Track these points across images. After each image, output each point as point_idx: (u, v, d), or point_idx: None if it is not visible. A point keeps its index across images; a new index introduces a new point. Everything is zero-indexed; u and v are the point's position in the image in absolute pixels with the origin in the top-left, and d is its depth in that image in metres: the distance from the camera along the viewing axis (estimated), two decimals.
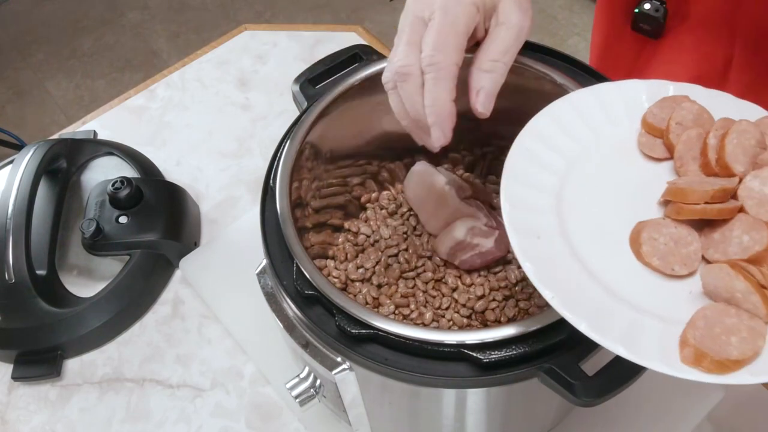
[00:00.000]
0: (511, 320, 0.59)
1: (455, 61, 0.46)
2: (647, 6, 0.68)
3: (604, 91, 0.52)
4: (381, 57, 0.60)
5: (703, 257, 0.44)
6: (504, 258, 0.61)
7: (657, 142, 0.49)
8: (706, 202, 0.43)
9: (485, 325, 0.59)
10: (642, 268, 0.44)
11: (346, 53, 0.61)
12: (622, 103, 0.51)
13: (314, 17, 2.39)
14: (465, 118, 0.50)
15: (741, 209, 0.44)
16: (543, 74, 0.56)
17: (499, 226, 0.60)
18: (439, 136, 0.47)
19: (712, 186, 0.43)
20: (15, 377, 0.68)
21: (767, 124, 0.47)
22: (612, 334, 0.39)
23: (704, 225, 0.44)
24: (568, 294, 0.41)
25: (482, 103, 0.48)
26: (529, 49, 0.58)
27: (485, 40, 0.49)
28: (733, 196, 0.44)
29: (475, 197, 0.64)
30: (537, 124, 0.50)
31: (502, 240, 0.59)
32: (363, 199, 0.68)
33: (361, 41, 0.94)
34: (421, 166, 0.65)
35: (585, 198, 0.47)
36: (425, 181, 0.64)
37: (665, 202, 0.46)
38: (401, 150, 0.67)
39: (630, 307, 0.42)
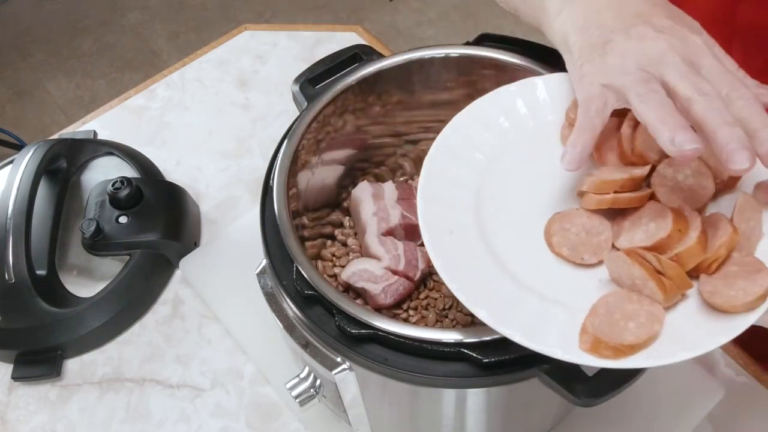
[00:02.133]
0: None
1: None
2: None
3: (529, 86, 0.51)
4: (381, 57, 0.60)
5: (614, 246, 0.44)
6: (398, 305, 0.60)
7: None
8: (616, 191, 0.43)
9: None
10: (554, 258, 0.44)
11: (346, 53, 0.61)
12: (547, 97, 0.51)
13: (314, 17, 2.39)
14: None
15: (653, 197, 0.43)
16: (542, 74, 0.55)
17: (409, 271, 0.59)
18: (744, 160, 0.37)
19: (622, 175, 0.43)
20: (15, 377, 0.68)
21: None
22: (512, 323, 0.39)
23: (618, 214, 0.44)
24: (474, 286, 0.41)
25: None
26: (529, 48, 0.58)
27: None
28: (649, 184, 0.44)
29: (409, 229, 0.62)
30: (459, 121, 0.49)
31: (393, 290, 0.58)
32: None
33: (361, 41, 0.94)
34: (357, 191, 0.64)
35: (504, 192, 0.47)
36: (355, 208, 0.63)
37: (582, 194, 0.46)
38: (402, 148, 0.67)
39: (537, 297, 0.42)
